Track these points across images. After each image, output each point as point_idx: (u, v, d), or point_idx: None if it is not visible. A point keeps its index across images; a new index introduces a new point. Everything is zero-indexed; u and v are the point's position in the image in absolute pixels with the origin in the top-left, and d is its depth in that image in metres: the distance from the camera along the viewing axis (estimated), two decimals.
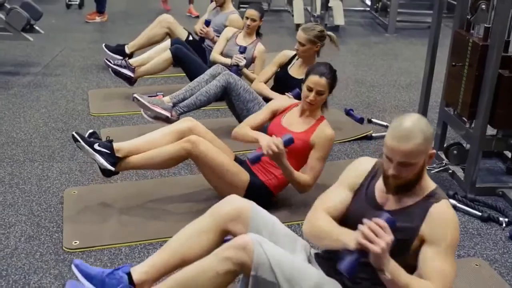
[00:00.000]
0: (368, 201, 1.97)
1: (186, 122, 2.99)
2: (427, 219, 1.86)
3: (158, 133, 2.95)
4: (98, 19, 7.14)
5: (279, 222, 2.17)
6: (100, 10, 7.15)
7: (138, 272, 2.07)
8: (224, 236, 2.12)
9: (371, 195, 1.98)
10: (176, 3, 7.93)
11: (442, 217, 1.85)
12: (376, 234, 1.70)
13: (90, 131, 2.94)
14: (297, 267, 1.91)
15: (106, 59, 4.50)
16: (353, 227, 1.83)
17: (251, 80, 4.16)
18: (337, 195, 2.04)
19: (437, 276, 1.80)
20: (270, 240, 1.96)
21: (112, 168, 2.81)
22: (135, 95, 3.65)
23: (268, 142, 2.68)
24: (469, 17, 3.29)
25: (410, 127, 1.80)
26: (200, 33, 4.73)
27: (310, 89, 2.86)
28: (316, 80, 2.85)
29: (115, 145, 2.84)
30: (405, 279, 1.77)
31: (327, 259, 2.04)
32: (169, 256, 2.09)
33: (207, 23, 4.76)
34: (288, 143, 2.72)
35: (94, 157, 2.79)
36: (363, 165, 2.07)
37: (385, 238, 1.70)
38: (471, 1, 3.24)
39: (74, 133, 2.81)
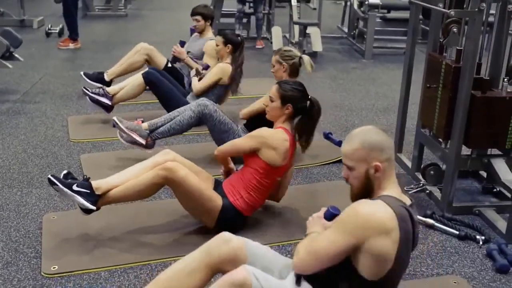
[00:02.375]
0: None
1: (165, 155, 2.98)
2: None
3: (137, 168, 2.93)
4: (71, 45, 7.18)
5: (270, 250, 2.19)
6: (74, 37, 7.19)
7: None
8: (215, 274, 2.11)
9: None
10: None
11: (353, 204, 1.92)
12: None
13: (65, 171, 2.88)
14: None
15: (84, 88, 4.53)
16: None
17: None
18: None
19: (308, 240, 1.95)
20: (265, 272, 1.98)
21: (94, 208, 2.77)
22: (114, 118, 3.67)
23: None
24: (441, 40, 3.38)
25: (353, 133, 1.99)
26: (173, 52, 4.77)
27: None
28: (272, 87, 3.01)
29: (94, 183, 2.80)
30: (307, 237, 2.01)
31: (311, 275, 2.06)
32: None
33: (182, 43, 4.81)
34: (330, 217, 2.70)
35: (74, 198, 2.75)
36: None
37: (314, 214, 2.12)
38: (443, 24, 3.34)
39: (49, 176, 2.76)
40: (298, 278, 2.02)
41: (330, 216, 2.13)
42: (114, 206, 3.23)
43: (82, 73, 4.99)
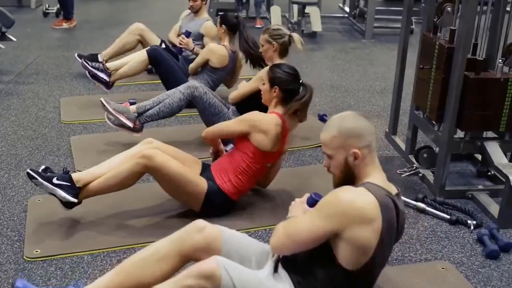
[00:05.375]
0: None
1: (148, 144, 2.92)
2: None
3: (119, 158, 2.88)
4: (65, 25, 7.12)
5: (247, 238, 2.14)
6: (67, 17, 7.13)
7: None
8: (186, 262, 2.04)
9: None
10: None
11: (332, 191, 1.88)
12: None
13: (43, 167, 2.80)
14: None
15: (84, 60, 4.46)
16: None
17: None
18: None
19: (286, 223, 1.93)
20: (241, 261, 1.93)
21: (75, 200, 2.73)
22: (101, 99, 3.61)
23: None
24: (435, 19, 3.29)
25: (332, 120, 1.94)
26: (180, 44, 4.64)
27: None
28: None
29: (74, 176, 2.75)
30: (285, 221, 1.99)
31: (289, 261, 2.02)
32: (124, 279, 1.99)
33: (187, 34, 4.65)
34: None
35: (55, 192, 2.69)
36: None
37: (298, 199, 2.10)
38: (437, 3, 3.25)
39: (28, 170, 2.69)
40: (276, 265, 1.98)
41: (312, 203, 2.08)
42: None
43: (76, 54, 4.96)
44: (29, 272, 2.48)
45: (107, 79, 4.45)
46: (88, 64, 4.41)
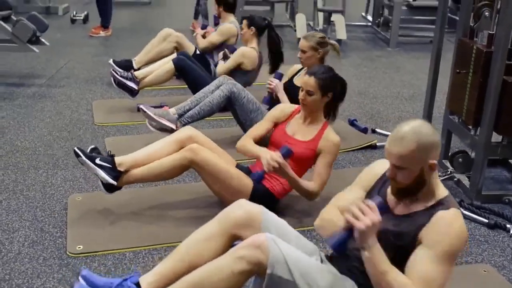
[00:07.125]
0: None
1: (186, 131, 2.99)
2: (428, 224, 1.80)
3: (159, 145, 2.95)
4: (102, 33, 7.19)
5: (288, 225, 2.15)
6: (105, 25, 7.20)
7: (148, 282, 2.02)
8: (233, 241, 2.09)
9: (383, 198, 1.94)
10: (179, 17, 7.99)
11: (444, 223, 1.78)
12: (364, 213, 1.73)
13: (92, 146, 2.94)
14: (312, 264, 1.90)
15: (113, 70, 4.50)
16: None
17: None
18: (351, 194, 2.06)
19: (420, 280, 1.72)
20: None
21: (114, 182, 2.80)
22: (141, 106, 3.67)
23: (268, 160, 2.66)
24: (472, 24, 3.31)
25: (406, 132, 1.77)
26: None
27: (301, 89, 2.88)
28: (305, 79, 2.86)
29: (117, 159, 2.84)
30: (384, 266, 1.73)
31: (337, 261, 2.03)
32: (178, 263, 2.04)
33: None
34: (287, 154, 2.72)
35: (96, 171, 2.79)
36: (378, 167, 2.05)
37: (371, 216, 1.72)
38: (474, 8, 3.26)
39: (75, 148, 2.82)
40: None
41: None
42: (139, 188, 3.25)
43: (111, 60, 4.95)
44: (73, 267, 2.51)
45: (136, 88, 4.46)
46: (117, 74, 4.43)
